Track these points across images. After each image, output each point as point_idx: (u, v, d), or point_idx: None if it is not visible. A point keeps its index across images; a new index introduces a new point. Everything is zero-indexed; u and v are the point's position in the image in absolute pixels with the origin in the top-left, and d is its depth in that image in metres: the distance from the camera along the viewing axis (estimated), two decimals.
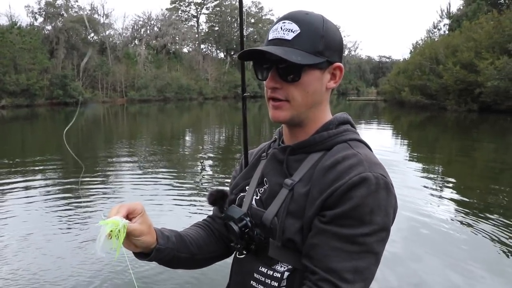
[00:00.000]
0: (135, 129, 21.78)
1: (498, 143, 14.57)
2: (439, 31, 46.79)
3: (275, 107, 1.00)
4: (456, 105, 29.30)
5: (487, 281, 3.90)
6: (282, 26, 0.97)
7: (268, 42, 0.98)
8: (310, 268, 0.90)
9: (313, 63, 0.95)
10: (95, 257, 4.29)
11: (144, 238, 0.99)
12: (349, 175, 0.90)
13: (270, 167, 1.09)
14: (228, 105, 47.89)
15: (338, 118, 1.06)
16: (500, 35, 27.58)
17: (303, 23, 0.96)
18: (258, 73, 1.03)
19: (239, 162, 1.32)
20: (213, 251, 1.22)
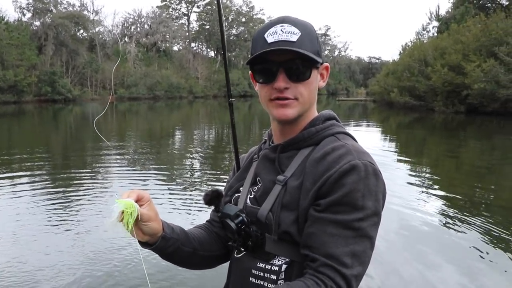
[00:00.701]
0: (124, 127, 21.66)
1: (484, 144, 14.82)
2: (428, 33, 47.32)
3: (282, 105, 1.03)
4: (444, 107, 29.66)
5: (472, 278, 4.00)
6: (282, 29, 1.00)
7: (270, 45, 0.99)
8: (310, 256, 0.93)
9: (319, 62, 1.03)
10: (107, 254, 4.30)
11: (151, 224, 1.03)
12: (339, 163, 0.95)
13: (262, 167, 1.13)
14: (218, 104, 47.83)
15: (324, 114, 1.12)
16: (487, 39, 27.99)
17: (301, 26, 1.01)
18: (260, 76, 1.05)
19: (232, 167, 1.36)
20: (214, 250, 1.24)
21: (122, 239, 4.61)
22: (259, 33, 1.04)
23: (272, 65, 1.01)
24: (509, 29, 26.51)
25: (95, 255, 4.35)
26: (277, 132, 1.14)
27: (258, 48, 1.02)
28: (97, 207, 6.17)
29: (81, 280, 3.80)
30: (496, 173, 9.59)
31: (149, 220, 1.02)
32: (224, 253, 1.26)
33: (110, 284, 3.74)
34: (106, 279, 3.83)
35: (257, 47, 1.02)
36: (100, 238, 4.80)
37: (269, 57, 1.00)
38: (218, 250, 1.25)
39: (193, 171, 9.70)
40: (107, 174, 8.85)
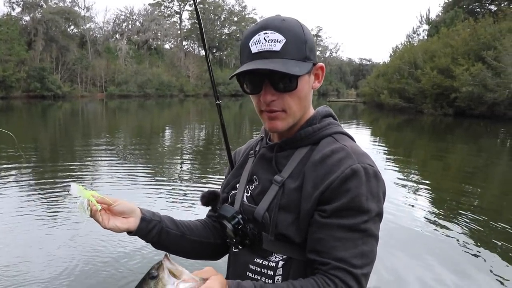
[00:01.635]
0: (114, 124, 21.56)
1: (471, 147, 15.06)
2: (418, 36, 47.74)
3: (272, 118, 1.02)
4: (433, 109, 30.01)
5: (460, 278, 4.12)
6: (265, 37, 0.95)
7: (254, 56, 0.96)
8: (319, 261, 0.95)
9: (304, 73, 0.97)
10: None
11: (121, 204, 1.08)
12: (340, 168, 0.95)
13: (259, 166, 1.13)
14: (209, 103, 47.69)
15: (320, 112, 1.11)
16: (475, 43, 28.39)
17: (285, 31, 0.95)
18: (246, 86, 1.03)
19: (227, 168, 1.37)
20: (205, 236, 1.24)
21: (113, 234, 4.64)
22: (244, 41, 1.00)
23: (257, 76, 0.98)
24: (496, 34, 26.90)
25: (89, 250, 4.39)
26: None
27: (244, 58, 1.00)
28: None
29: (79, 274, 3.84)
30: (482, 175, 9.78)
31: (116, 201, 1.07)
32: (220, 243, 1.27)
33: (109, 277, 3.79)
34: (104, 273, 3.87)
35: (243, 56, 1.00)
36: (90, 231, 4.84)
37: (254, 69, 0.96)
38: (213, 239, 1.26)
39: (183, 169, 9.73)
40: (96, 171, 8.83)
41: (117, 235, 4.63)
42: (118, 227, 1.07)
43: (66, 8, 53.64)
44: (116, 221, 1.07)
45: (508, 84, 23.91)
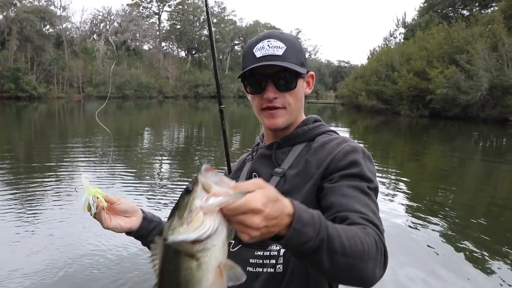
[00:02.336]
0: (92, 126, 21.26)
1: (446, 147, 15.51)
2: (395, 39, 48.68)
3: (273, 115, 1.14)
4: (409, 111, 30.67)
5: (435, 277, 4.28)
6: (268, 44, 1.11)
7: (258, 59, 1.10)
8: (339, 217, 0.95)
9: (303, 73, 1.13)
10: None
11: (124, 203, 1.11)
12: (340, 147, 1.08)
13: (259, 163, 1.22)
14: (189, 105, 47.51)
15: (313, 117, 1.25)
16: (449, 46, 29.20)
17: (285, 40, 1.12)
18: (250, 87, 1.16)
19: (224, 172, 1.42)
20: None
21: (93, 232, 4.65)
22: (248, 48, 1.15)
23: (262, 77, 1.11)
24: (469, 38, 27.72)
25: (69, 251, 4.38)
26: (270, 136, 1.25)
27: (248, 62, 1.13)
28: (64, 203, 6.13)
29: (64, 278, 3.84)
30: (457, 174, 10.12)
31: (119, 200, 1.10)
32: None
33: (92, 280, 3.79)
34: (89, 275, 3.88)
35: (247, 61, 1.13)
36: (70, 232, 4.82)
37: (258, 70, 1.09)
38: None
39: (162, 170, 9.72)
40: (74, 172, 8.70)
41: (97, 234, 4.64)
42: (121, 226, 1.10)
43: (41, 7, 52.52)
44: (119, 220, 1.10)
45: (480, 86, 24.69)
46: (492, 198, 7.90)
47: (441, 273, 4.19)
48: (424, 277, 4.12)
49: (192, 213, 0.69)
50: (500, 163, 11.93)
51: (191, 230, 0.68)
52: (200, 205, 0.69)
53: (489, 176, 10.19)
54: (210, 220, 0.69)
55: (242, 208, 0.67)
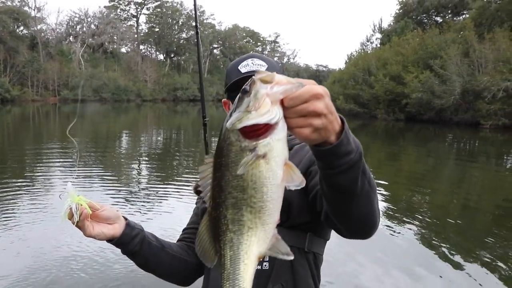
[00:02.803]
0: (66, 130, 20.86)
1: (421, 150, 15.93)
2: (371, 44, 49.42)
3: None
4: (386, 114, 31.28)
5: (410, 274, 4.43)
6: (252, 62, 1.23)
7: (244, 74, 1.20)
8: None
9: None
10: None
11: (108, 209, 1.10)
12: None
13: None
14: (167, 108, 47.18)
15: None
16: (423, 52, 29.97)
17: (267, 61, 1.25)
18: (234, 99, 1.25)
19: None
20: (183, 254, 1.30)
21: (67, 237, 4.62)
22: (232, 66, 1.26)
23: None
24: (442, 44, 28.51)
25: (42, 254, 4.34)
26: None
27: (233, 77, 1.23)
28: (40, 206, 6.06)
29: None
30: (431, 177, 10.42)
31: (102, 206, 1.09)
32: (196, 262, 1.29)
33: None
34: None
35: (232, 77, 1.24)
36: (46, 236, 4.78)
37: (244, 83, 1.17)
38: (189, 257, 1.30)
39: (140, 173, 9.67)
40: (47, 180, 8.53)
41: (72, 236, 4.63)
42: (104, 234, 1.08)
43: (14, 7, 51.30)
44: (102, 228, 1.08)
45: (453, 91, 25.42)
46: (465, 199, 8.19)
47: (416, 271, 4.35)
48: (399, 275, 4.26)
49: (259, 100, 0.67)
50: (472, 165, 12.34)
51: (260, 115, 0.67)
52: (266, 92, 0.68)
53: (463, 178, 10.55)
54: (276, 108, 0.68)
55: (305, 95, 0.68)
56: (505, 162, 13.67)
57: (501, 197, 8.20)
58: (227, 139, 0.70)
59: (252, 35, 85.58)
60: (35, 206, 6.19)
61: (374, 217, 0.92)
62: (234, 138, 0.69)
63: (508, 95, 22.92)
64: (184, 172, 9.80)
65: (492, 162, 13.29)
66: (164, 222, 5.46)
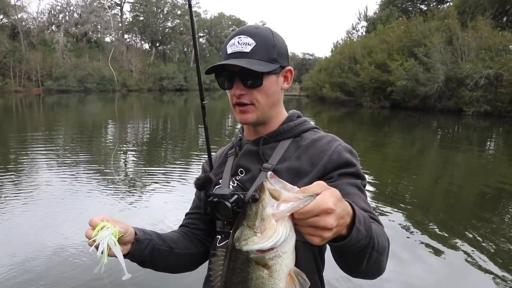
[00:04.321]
0: (52, 120, 20.65)
1: (406, 137, 16.20)
2: (357, 32, 49.51)
3: (242, 111, 1.16)
4: (371, 102, 31.56)
5: (395, 258, 4.61)
6: (238, 40, 1.13)
7: (228, 56, 1.13)
8: None
9: (271, 70, 1.12)
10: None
11: (130, 233, 1.06)
12: (332, 146, 1.12)
13: (245, 159, 1.22)
14: (153, 98, 46.80)
15: (294, 113, 1.28)
16: (408, 40, 30.20)
17: (256, 36, 1.13)
18: (221, 83, 1.18)
19: (202, 167, 1.44)
20: (189, 247, 1.28)
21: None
22: (224, 44, 1.17)
23: (229, 74, 1.14)
24: (426, 32, 28.74)
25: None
26: (251, 130, 1.26)
27: (222, 59, 1.16)
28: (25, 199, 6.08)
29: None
30: (416, 163, 10.67)
31: (127, 229, 1.05)
32: (202, 250, 1.30)
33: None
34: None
35: (222, 58, 1.17)
36: (32, 228, 4.84)
37: (227, 67, 1.12)
38: (195, 248, 1.29)
39: (128, 165, 9.66)
40: (32, 173, 8.47)
41: (60, 231, 4.68)
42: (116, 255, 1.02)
43: None
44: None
45: (437, 78, 25.79)
46: (449, 184, 8.44)
47: (401, 256, 4.49)
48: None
49: (265, 222, 0.69)
50: (456, 151, 12.65)
51: (266, 239, 0.68)
52: (272, 212, 0.69)
53: (446, 163, 10.81)
54: (282, 227, 0.68)
55: (315, 210, 0.67)
56: (487, 147, 14.03)
57: (484, 182, 8.47)
58: (234, 247, 0.73)
59: (238, 24, 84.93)
60: (19, 199, 6.20)
61: (381, 271, 0.96)
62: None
63: (490, 82, 23.40)
64: (173, 163, 9.85)
65: (475, 148, 13.63)
66: (153, 214, 5.44)
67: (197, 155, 10.26)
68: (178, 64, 69.47)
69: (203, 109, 1.36)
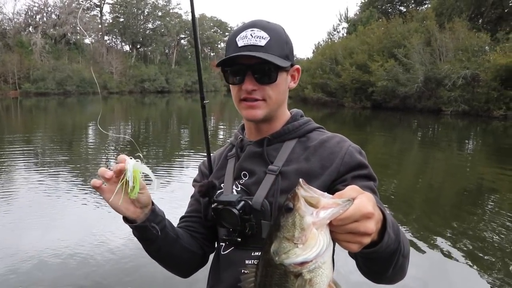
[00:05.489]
0: (30, 124, 20.23)
1: (387, 136, 16.44)
2: (338, 33, 49.95)
3: (251, 107, 1.09)
4: (353, 102, 31.87)
5: None
6: (251, 33, 1.05)
7: (240, 49, 1.05)
8: None
9: (285, 66, 1.08)
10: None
11: (147, 193, 1.00)
12: (343, 147, 1.09)
13: (248, 161, 1.16)
14: (135, 100, 46.29)
15: (298, 112, 1.25)
16: (388, 41, 30.66)
17: (270, 31, 1.07)
18: (229, 78, 1.11)
19: (199, 169, 1.35)
20: (191, 244, 1.21)
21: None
22: (231, 37, 1.09)
23: (241, 68, 1.06)
24: (405, 34, 29.22)
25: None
26: (253, 130, 1.20)
27: (230, 51, 1.08)
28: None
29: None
30: (397, 162, 10.82)
31: (143, 188, 0.98)
32: (201, 254, 1.24)
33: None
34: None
35: (229, 50, 1.08)
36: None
37: (239, 60, 1.05)
38: (196, 249, 1.22)
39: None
40: (10, 177, 8.28)
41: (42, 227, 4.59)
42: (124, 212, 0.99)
43: None
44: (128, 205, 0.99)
45: (417, 79, 26.23)
46: (429, 182, 8.60)
47: None
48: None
49: (305, 231, 0.65)
50: (436, 150, 12.89)
51: (308, 249, 0.65)
52: (313, 221, 0.65)
53: (427, 162, 11.01)
54: (323, 235, 0.65)
55: (355, 215, 0.64)
56: (466, 146, 14.34)
57: (463, 180, 8.65)
58: (271, 261, 0.68)
59: (219, 25, 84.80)
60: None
61: (404, 275, 0.94)
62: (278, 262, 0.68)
63: (467, 82, 23.92)
64: (156, 164, 9.76)
65: (454, 146, 13.91)
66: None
67: (180, 156, 10.20)
68: (159, 66, 68.88)
69: (203, 109, 1.27)
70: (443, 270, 4.23)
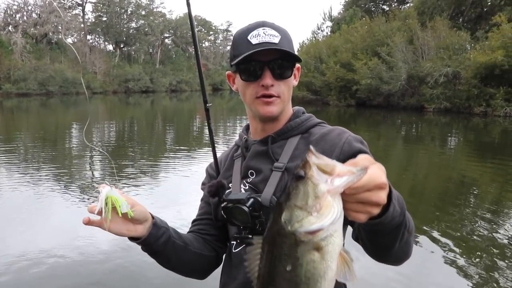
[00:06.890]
0: (12, 125, 19.89)
1: (372, 134, 16.63)
2: (322, 32, 50.19)
3: (268, 103, 1.11)
4: (337, 101, 32.13)
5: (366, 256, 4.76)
6: (264, 31, 1.09)
7: (255, 46, 1.07)
8: None
9: (300, 61, 1.13)
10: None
11: (139, 208, 0.99)
12: (343, 137, 1.10)
13: (254, 160, 1.18)
14: (119, 100, 45.82)
15: (299, 109, 1.26)
16: (371, 39, 30.98)
17: (279, 30, 1.12)
18: (246, 75, 1.12)
19: (206, 171, 1.37)
20: (202, 249, 1.22)
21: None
22: (240, 35, 1.11)
23: (258, 64, 1.08)
24: (388, 32, 29.59)
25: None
26: (258, 130, 1.21)
27: (242, 49, 1.09)
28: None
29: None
30: (382, 159, 10.83)
31: (134, 204, 0.98)
32: (214, 255, 1.26)
33: None
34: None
35: (241, 48, 1.09)
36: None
37: (255, 57, 1.07)
38: (208, 252, 1.24)
39: (94, 169, 9.46)
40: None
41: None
42: (122, 233, 0.99)
43: None
44: (123, 226, 0.99)
45: (400, 77, 26.61)
46: (413, 178, 8.77)
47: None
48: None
49: (320, 199, 0.63)
50: (419, 146, 13.14)
51: (323, 217, 0.63)
52: (328, 188, 0.63)
53: (411, 158, 11.22)
54: (337, 203, 0.64)
55: (369, 185, 0.64)
56: (448, 142, 14.65)
57: (446, 175, 8.85)
58: (281, 231, 0.66)
59: (204, 24, 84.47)
60: None
61: (409, 254, 0.94)
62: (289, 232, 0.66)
63: (449, 80, 24.38)
64: (144, 164, 9.73)
65: (437, 143, 14.20)
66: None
67: (166, 157, 10.18)
68: (143, 66, 68.24)
69: (207, 112, 1.27)
70: (427, 263, 4.35)
